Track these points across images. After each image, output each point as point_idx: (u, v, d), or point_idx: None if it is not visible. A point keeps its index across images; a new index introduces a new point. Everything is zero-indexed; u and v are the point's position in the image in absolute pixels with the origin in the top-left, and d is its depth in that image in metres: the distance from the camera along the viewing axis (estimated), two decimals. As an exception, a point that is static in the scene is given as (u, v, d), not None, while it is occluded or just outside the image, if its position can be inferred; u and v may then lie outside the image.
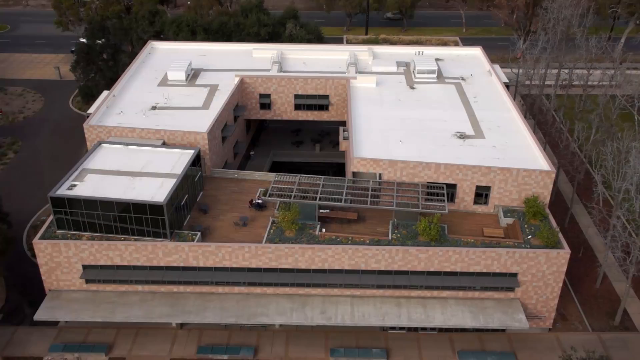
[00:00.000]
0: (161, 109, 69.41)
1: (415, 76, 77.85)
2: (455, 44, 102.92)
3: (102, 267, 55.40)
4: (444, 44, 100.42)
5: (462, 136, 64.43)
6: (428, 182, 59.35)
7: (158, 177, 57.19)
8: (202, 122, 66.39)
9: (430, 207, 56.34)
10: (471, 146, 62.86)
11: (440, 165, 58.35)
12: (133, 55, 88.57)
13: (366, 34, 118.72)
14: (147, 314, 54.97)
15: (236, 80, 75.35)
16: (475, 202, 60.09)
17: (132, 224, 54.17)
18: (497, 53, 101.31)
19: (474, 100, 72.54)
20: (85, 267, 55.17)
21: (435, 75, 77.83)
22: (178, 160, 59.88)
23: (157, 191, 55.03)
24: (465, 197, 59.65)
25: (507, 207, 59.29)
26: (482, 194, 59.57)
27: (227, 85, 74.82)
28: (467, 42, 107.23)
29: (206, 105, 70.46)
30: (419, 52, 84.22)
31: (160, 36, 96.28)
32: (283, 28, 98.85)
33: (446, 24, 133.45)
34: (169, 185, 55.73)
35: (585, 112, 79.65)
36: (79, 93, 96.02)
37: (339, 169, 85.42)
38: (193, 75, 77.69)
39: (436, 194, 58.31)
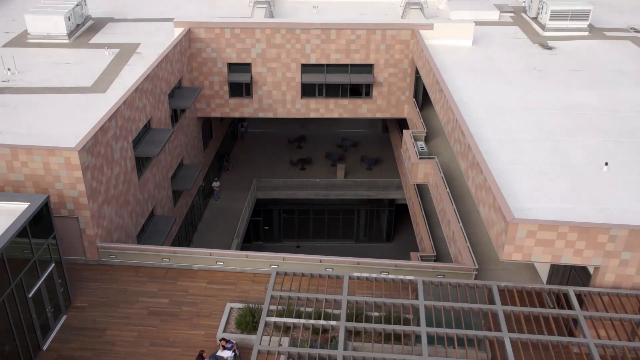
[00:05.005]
0: (-10, 93, 28.88)
1: (545, 26, 38.44)
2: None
3: None
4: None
5: None
6: None
7: None
8: (79, 123, 26.03)
9: None
10: None
11: None
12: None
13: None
14: None
15: (177, 32, 35.25)
16: None
17: None
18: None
19: (695, 68, 33.27)
20: None
21: (587, 23, 38.57)
22: (-25, 238, 19.40)
23: None
24: None
25: None
26: None
27: (156, 45, 34.57)
28: None
29: (101, 84, 30.03)
30: (535, -14, 44.73)
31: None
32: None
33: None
34: None
35: None
36: None
37: (375, 214, 46.04)
38: (90, 29, 37.29)
39: None
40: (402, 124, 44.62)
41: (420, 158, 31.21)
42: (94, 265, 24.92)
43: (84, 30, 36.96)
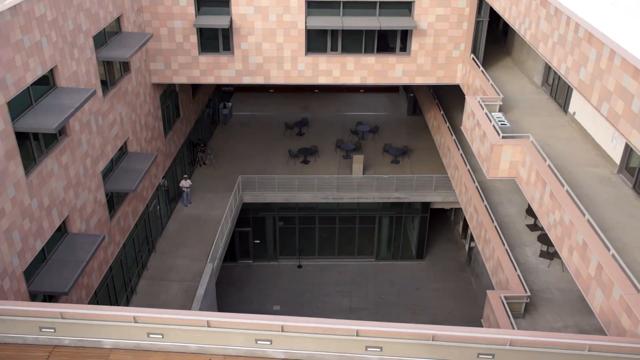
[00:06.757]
0: None
1: (662, -51, 26.36)
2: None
3: None
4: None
5: None
6: None
7: None
8: None
9: None
10: None
11: None
12: None
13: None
14: None
15: (114, -52, 22.95)
16: None
17: None
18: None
19: None
20: None
21: None
22: None
23: None
24: None
25: None
26: None
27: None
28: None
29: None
30: None
31: None
32: None
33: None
34: None
35: None
36: None
37: (403, 222, 34.13)
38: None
39: None
40: (441, 96, 32.55)
41: (503, 137, 19.06)
42: None
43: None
